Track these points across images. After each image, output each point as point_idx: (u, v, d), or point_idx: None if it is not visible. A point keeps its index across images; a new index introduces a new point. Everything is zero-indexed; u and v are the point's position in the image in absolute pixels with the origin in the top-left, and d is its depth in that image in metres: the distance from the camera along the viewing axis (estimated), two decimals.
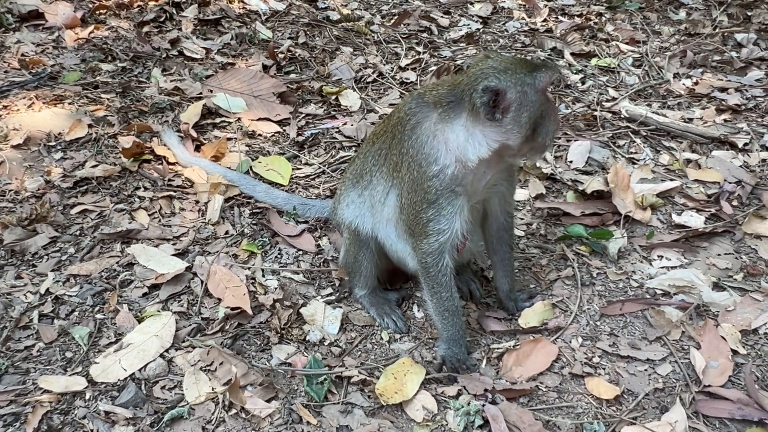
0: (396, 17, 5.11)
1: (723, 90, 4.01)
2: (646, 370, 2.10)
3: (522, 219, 2.87)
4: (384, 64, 4.30)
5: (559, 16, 5.42)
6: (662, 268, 2.54)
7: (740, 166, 3.21)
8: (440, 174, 1.94)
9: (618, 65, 4.39)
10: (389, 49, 4.53)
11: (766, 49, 4.76)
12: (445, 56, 4.43)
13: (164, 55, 4.06)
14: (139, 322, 2.21)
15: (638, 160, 3.28)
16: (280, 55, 4.26)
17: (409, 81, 4.09)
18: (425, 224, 1.99)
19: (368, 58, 4.38)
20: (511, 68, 1.89)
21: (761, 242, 2.67)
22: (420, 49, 4.54)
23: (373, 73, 4.19)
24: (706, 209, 2.90)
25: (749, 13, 5.62)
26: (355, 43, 4.60)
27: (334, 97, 3.89)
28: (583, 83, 4.13)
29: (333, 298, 2.41)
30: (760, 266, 2.54)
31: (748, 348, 2.16)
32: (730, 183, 3.06)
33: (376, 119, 3.63)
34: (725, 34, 4.96)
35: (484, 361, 2.17)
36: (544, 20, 5.28)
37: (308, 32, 4.70)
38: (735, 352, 2.11)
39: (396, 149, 2.05)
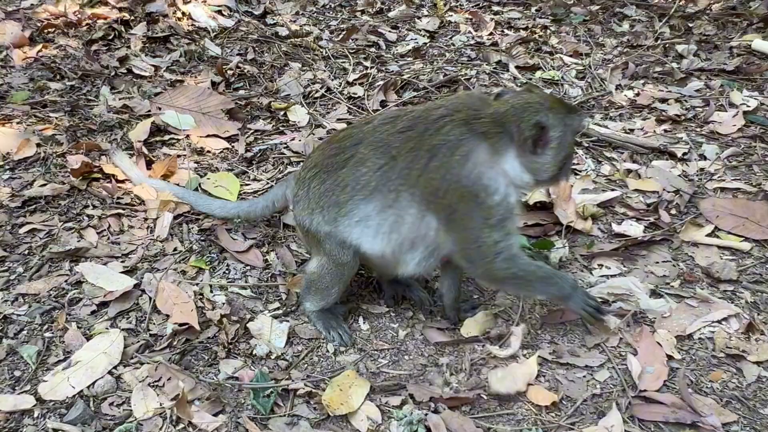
0: (344, 32, 5.15)
1: (663, 101, 4.14)
2: (584, 376, 2.16)
3: None
4: (332, 80, 4.33)
5: (505, 30, 5.54)
6: (602, 276, 2.62)
7: (679, 176, 3.32)
8: (503, 202, 2.03)
9: (562, 78, 4.50)
10: (337, 65, 4.57)
11: (706, 60, 4.94)
12: (393, 71, 4.48)
13: (113, 73, 4.02)
14: (88, 339, 2.21)
15: (580, 171, 3.36)
16: (228, 72, 4.26)
17: (356, 96, 4.13)
18: (492, 246, 2.03)
19: (316, 73, 4.41)
20: (555, 107, 2.03)
21: (698, 249, 2.76)
22: (368, 63, 4.59)
23: (321, 88, 4.22)
24: (646, 218, 2.99)
25: (690, 25, 5.84)
26: (304, 59, 4.62)
27: (282, 112, 3.90)
28: None
29: (280, 312, 2.42)
30: (696, 273, 2.63)
31: (683, 353, 2.24)
32: (668, 192, 3.17)
33: (323, 134, 3.65)
34: (666, 45, 5.14)
35: (432, 369, 2.21)
36: (490, 34, 5.39)
37: (257, 48, 4.71)
38: (670, 357, 2.18)
39: (439, 174, 2.02)
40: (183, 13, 4.96)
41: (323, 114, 3.95)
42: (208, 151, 3.40)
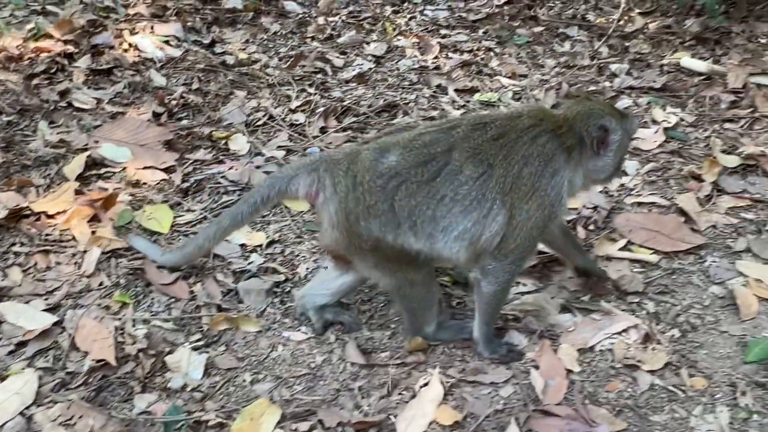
0: (292, 59, 5.27)
1: None
2: (489, 393, 2.26)
3: None
4: (275, 107, 4.43)
5: (450, 53, 5.69)
6: (518, 293, 2.73)
7: (600, 192, 3.46)
8: (562, 212, 2.29)
9: (499, 99, 4.65)
10: (282, 92, 4.67)
11: (637, 78, 5.13)
12: (335, 97, 4.59)
13: (53, 107, 4.08)
14: (2, 381, 2.24)
15: None
16: (172, 102, 4.35)
17: (298, 123, 4.23)
18: (526, 247, 2.22)
19: (260, 101, 4.51)
20: (614, 113, 2.28)
21: (611, 263, 2.89)
22: (312, 90, 4.70)
23: (264, 116, 4.32)
24: None
25: (627, 44, 6.05)
26: (249, 87, 4.72)
27: (223, 141, 3.99)
28: None
29: (201, 343, 2.49)
30: (607, 286, 2.75)
31: (585, 365, 2.35)
32: (588, 208, 3.30)
33: (262, 162, 3.74)
34: (601, 65, 5.32)
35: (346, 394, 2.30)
36: (435, 57, 5.54)
37: (203, 78, 4.81)
38: (570, 371, 2.29)
39: (529, 182, 2.15)
40: (129, 45, 5.05)
41: (264, 142, 4.05)
42: (145, 183, 3.47)
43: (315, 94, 4.62)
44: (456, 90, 4.71)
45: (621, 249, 2.95)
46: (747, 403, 2.16)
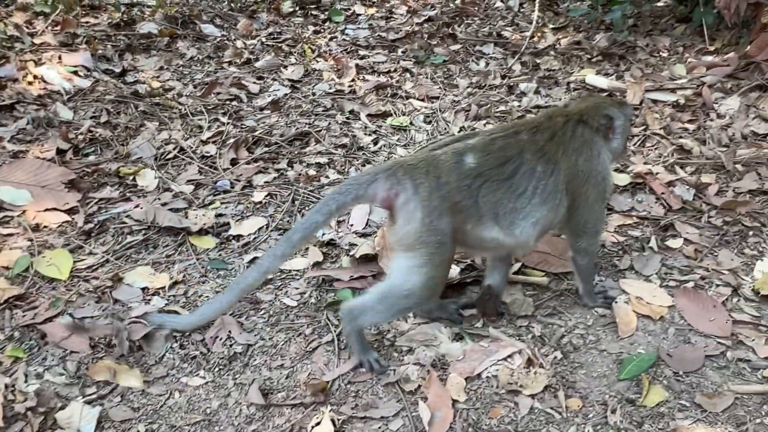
0: (206, 86, 5.27)
1: None
2: (380, 427, 2.34)
3: (297, 288, 3.08)
4: (186, 139, 4.43)
5: (367, 75, 5.79)
6: (414, 323, 2.82)
7: None
8: (611, 186, 2.72)
9: (411, 123, 4.76)
10: (194, 122, 4.67)
11: (546, 96, 5.33)
12: (248, 126, 4.62)
13: None
14: None
15: None
16: (79, 137, 4.30)
17: (209, 155, 4.24)
18: (599, 221, 2.70)
19: (172, 133, 4.50)
20: (614, 104, 2.75)
21: (507, 287, 3.01)
22: (224, 119, 4.71)
23: (174, 149, 4.31)
24: (464, 260, 3.23)
25: (538, 61, 6.26)
26: (161, 118, 4.71)
27: (131, 177, 3.97)
28: (375, 144, 4.45)
29: (94, 396, 2.49)
30: (500, 310, 2.87)
31: (471, 393, 2.46)
32: None
33: (169, 198, 3.74)
34: (511, 84, 5.50)
35: None
36: (352, 80, 5.62)
37: (113, 110, 4.77)
38: (456, 401, 2.39)
39: (585, 169, 2.57)
40: (35, 76, 4.96)
41: (173, 176, 4.05)
42: (45, 227, 3.43)
43: (228, 123, 4.63)
44: (369, 115, 4.80)
45: (515, 273, 3.06)
46: (616, 420, 2.30)
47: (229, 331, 2.77)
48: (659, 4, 7.34)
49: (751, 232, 3.27)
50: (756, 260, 3.08)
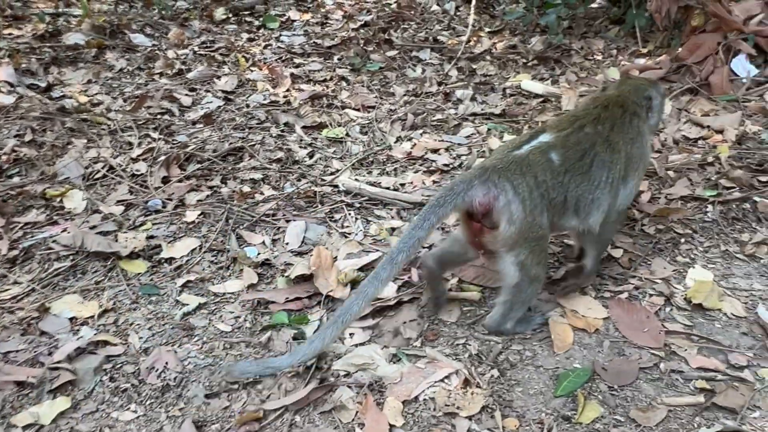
0: (137, 100, 5.10)
1: (435, 151, 4.44)
2: None
3: (231, 312, 2.99)
4: (115, 157, 4.27)
5: (303, 84, 5.71)
6: (353, 345, 2.77)
7: (439, 228, 3.57)
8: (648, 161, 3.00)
9: (347, 134, 4.71)
10: (124, 138, 4.51)
11: (482, 103, 5.35)
12: (180, 142, 4.49)
13: None
14: None
15: (349, 234, 3.54)
16: (2, 158, 4.10)
17: (140, 173, 4.10)
18: (630, 200, 2.96)
19: (100, 150, 4.34)
20: (650, 84, 3.02)
21: (446, 304, 2.99)
22: (155, 135, 4.57)
23: (103, 167, 4.15)
24: (401, 277, 3.20)
25: (474, 66, 6.30)
26: (89, 135, 4.53)
27: (58, 199, 3.81)
28: (311, 157, 4.38)
29: None
30: (438, 329, 2.85)
31: (409, 417, 2.43)
32: (424, 247, 3.40)
33: (99, 220, 3.60)
34: (448, 91, 5.50)
35: None
36: (287, 90, 5.53)
37: (38, 127, 4.57)
38: (393, 426, 2.36)
39: (637, 152, 2.82)
40: None
41: (103, 197, 3.89)
42: None
43: (159, 139, 4.49)
44: (304, 127, 4.73)
45: (450, 289, 3.05)
46: None
47: (166, 362, 2.66)
48: (593, 5, 7.49)
49: (683, 240, 3.34)
50: (688, 268, 3.15)
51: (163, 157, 4.14)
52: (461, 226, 2.69)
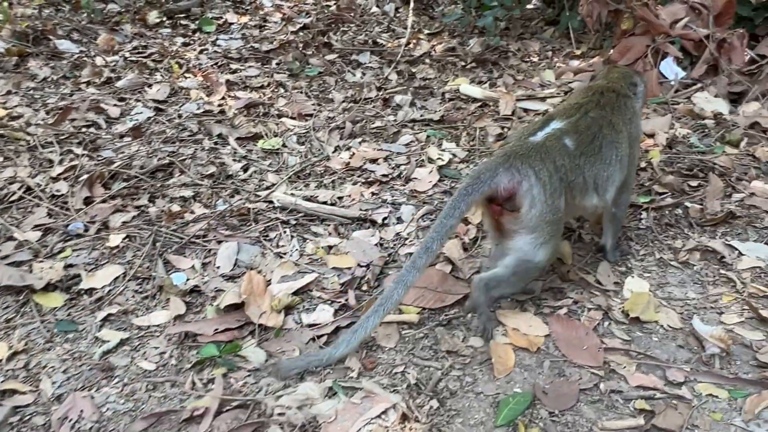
0: (60, 112, 4.83)
1: (374, 161, 4.32)
2: None
3: (156, 348, 2.82)
4: (33, 176, 4.02)
5: (239, 91, 5.52)
6: (288, 383, 2.63)
7: (376, 245, 3.46)
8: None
9: (283, 145, 4.56)
10: (44, 155, 4.26)
11: (421, 108, 5.26)
12: (105, 158, 4.26)
13: None
14: None
15: (284, 254, 3.39)
16: None
17: (60, 194, 3.86)
18: (634, 178, 3.16)
19: (17, 169, 4.08)
20: (635, 73, 3.26)
21: (380, 329, 2.88)
22: (79, 151, 4.32)
23: (20, 188, 3.90)
24: (338, 300, 3.08)
25: (414, 70, 6.21)
26: (6, 152, 4.26)
27: None
28: (245, 171, 4.21)
29: None
30: (376, 357, 2.74)
31: None
32: (362, 266, 3.29)
33: (12, 249, 3.37)
34: (387, 96, 5.39)
35: None
36: (222, 98, 5.34)
37: None
38: None
39: (636, 132, 3.08)
40: None
41: (18, 221, 3.65)
42: None
43: (82, 155, 4.25)
44: (238, 138, 4.55)
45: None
46: None
47: (81, 411, 2.47)
48: (529, 6, 7.50)
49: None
50: (625, 277, 3.12)
51: (86, 176, 3.90)
52: (481, 209, 2.88)
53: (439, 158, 4.22)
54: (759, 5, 5.42)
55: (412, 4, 7.26)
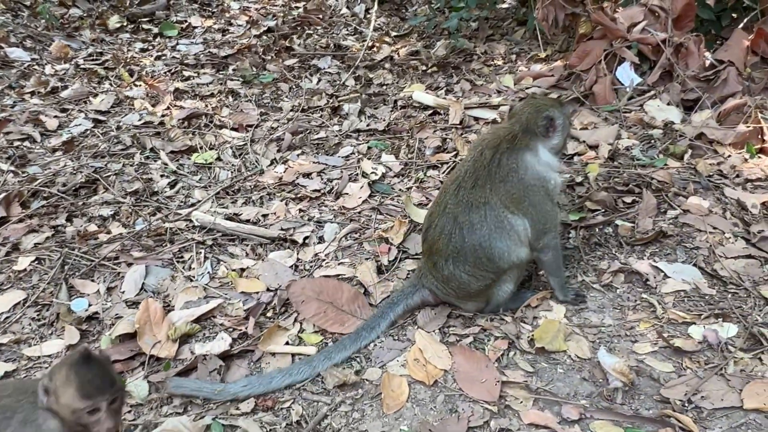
0: None
1: (307, 175, 4.19)
2: None
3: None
4: None
5: (187, 99, 5.41)
6: (165, 416, 2.52)
7: (291, 266, 3.34)
8: (555, 183, 2.87)
9: (218, 158, 4.43)
10: None
11: (370, 117, 5.12)
12: (29, 175, 4.15)
13: None
14: None
15: (194, 278, 3.28)
16: None
17: None
18: (552, 220, 2.85)
19: None
20: (554, 104, 2.97)
21: (274, 359, 2.77)
22: (5, 166, 4.22)
23: None
24: (240, 327, 2.96)
25: (371, 75, 6.07)
26: None
27: None
28: (172, 187, 4.09)
29: None
30: (275, 396, 2.62)
31: None
32: (270, 291, 3.17)
33: None
34: (336, 105, 5.25)
35: None
36: (167, 108, 5.22)
37: None
38: None
39: (514, 189, 2.79)
40: None
41: None
42: None
43: (7, 171, 4.14)
44: (172, 152, 4.43)
45: (286, 344, 2.83)
46: None
47: None
48: (503, 6, 7.33)
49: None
50: (545, 300, 2.99)
51: (3, 195, 3.79)
52: None
53: (372, 172, 4.08)
54: (726, 7, 5.23)
55: (375, 7, 7.11)
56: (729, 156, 3.84)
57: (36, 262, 3.36)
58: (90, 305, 3.10)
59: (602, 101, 4.63)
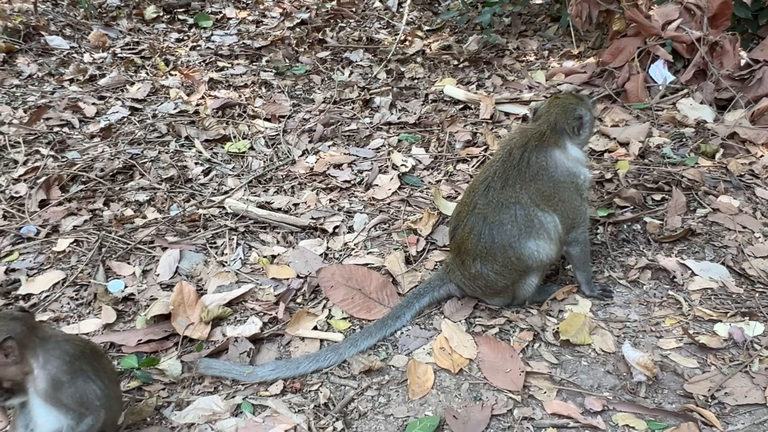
0: (35, 111, 4.87)
1: (338, 166, 4.26)
2: None
3: None
4: None
5: (222, 89, 5.49)
6: (202, 394, 2.60)
7: (321, 254, 3.41)
8: (585, 178, 2.89)
9: (251, 147, 4.52)
10: (10, 156, 4.30)
11: (401, 110, 5.16)
12: (68, 160, 4.28)
13: None
14: None
15: (226, 263, 3.36)
16: None
17: (19, 195, 3.89)
18: (582, 215, 2.89)
19: None
20: (579, 102, 2.98)
21: (302, 344, 2.84)
22: (45, 152, 4.35)
23: None
24: (270, 312, 3.04)
25: (403, 69, 6.10)
26: None
27: None
28: (206, 175, 4.19)
29: None
30: (300, 380, 2.68)
31: None
32: (300, 278, 3.24)
33: None
34: (368, 98, 5.30)
35: None
36: (201, 97, 5.32)
37: None
38: None
39: (544, 186, 2.80)
40: None
41: None
42: None
43: (47, 156, 4.28)
44: (206, 141, 4.53)
45: (314, 328, 2.89)
46: None
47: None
48: (537, 1, 7.30)
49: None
50: (572, 294, 3.01)
51: (44, 178, 3.92)
52: None
53: (402, 164, 4.13)
54: (763, 6, 5.16)
55: (408, 0, 7.13)
56: (762, 156, 3.81)
57: (75, 243, 3.46)
58: (126, 287, 3.19)
59: (634, 99, 4.61)
